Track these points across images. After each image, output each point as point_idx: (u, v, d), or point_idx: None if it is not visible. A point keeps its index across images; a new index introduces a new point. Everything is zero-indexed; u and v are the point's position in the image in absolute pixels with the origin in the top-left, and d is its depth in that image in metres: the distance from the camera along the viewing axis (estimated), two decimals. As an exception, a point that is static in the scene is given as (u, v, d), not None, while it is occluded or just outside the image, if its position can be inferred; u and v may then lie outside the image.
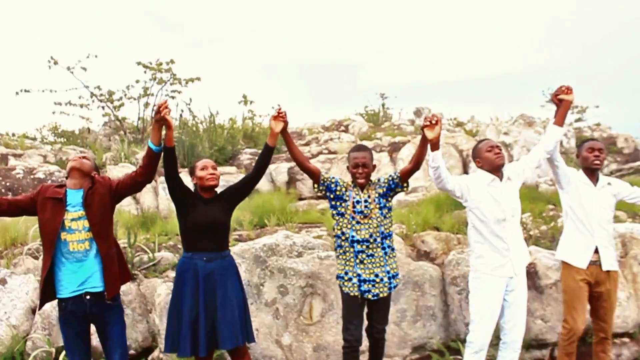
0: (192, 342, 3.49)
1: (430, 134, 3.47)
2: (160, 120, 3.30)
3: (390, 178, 3.79)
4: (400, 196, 7.58)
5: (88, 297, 3.30)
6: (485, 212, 3.72)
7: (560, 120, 3.94)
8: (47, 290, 3.34)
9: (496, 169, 3.81)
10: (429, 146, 3.56)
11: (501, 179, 3.80)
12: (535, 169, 4.01)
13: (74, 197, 3.35)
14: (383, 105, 13.68)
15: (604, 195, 4.00)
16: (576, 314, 3.88)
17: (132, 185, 3.48)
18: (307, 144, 10.43)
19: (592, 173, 4.01)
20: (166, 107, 3.29)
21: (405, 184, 3.78)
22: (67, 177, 3.48)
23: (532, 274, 4.79)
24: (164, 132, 3.38)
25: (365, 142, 10.13)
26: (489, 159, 3.81)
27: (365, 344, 3.83)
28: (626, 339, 4.81)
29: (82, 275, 3.30)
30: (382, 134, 10.75)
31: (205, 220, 3.57)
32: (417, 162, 3.70)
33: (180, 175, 3.68)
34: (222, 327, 3.50)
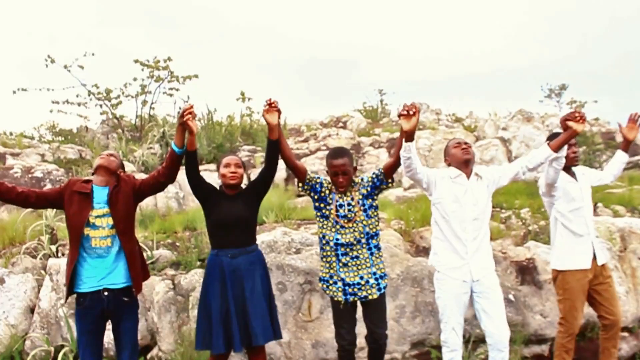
0: (225, 338, 3.49)
1: (406, 125, 3.25)
2: (184, 124, 3.32)
3: (374, 176, 3.67)
4: (398, 192, 7.58)
5: (106, 293, 3.33)
6: (446, 209, 3.61)
7: (555, 145, 3.64)
8: (71, 284, 3.36)
9: (463, 165, 3.69)
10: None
11: (468, 177, 3.69)
12: (512, 180, 3.80)
13: (100, 194, 3.39)
14: (381, 101, 13.66)
15: (586, 187, 3.97)
16: (577, 313, 3.86)
17: (154, 185, 3.52)
18: (305, 141, 10.41)
19: (568, 169, 3.92)
20: (190, 113, 3.31)
21: (390, 180, 3.66)
22: (93, 173, 3.52)
23: (530, 269, 4.79)
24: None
25: (363, 138, 10.13)
26: (455, 155, 3.72)
27: (363, 343, 3.82)
28: (625, 334, 4.81)
29: (102, 271, 3.34)
30: (380, 130, 10.74)
31: (229, 217, 3.58)
32: (399, 156, 3.52)
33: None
34: (254, 322, 3.49)
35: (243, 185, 3.81)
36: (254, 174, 8.26)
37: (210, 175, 7.08)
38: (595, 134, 10.01)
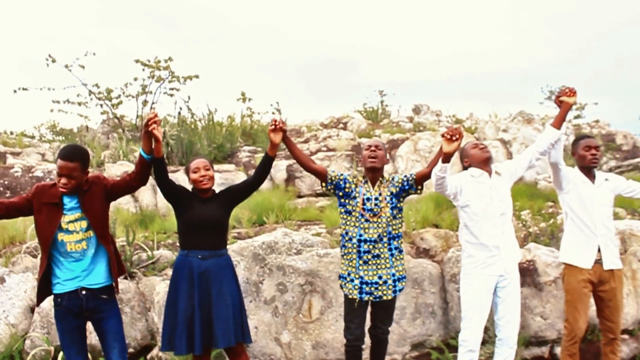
0: (187, 340, 3.50)
1: (447, 147, 3.33)
2: (148, 133, 3.31)
3: (405, 178, 3.73)
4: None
5: (84, 292, 3.33)
6: (475, 210, 3.69)
7: (557, 122, 3.87)
8: (44, 287, 3.37)
9: (484, 164, 3.80)
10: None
11: (490, 175, 3.79)
12: (527, 169, 3.98)
13: (70, 199, 3.36)
14: (382, 102, 13.65)
15: (603, 192, 3.96)
16: (578, 315, 3.85)
17: (126, 188, 3.51)
18: (305, 142, 10.41)
19: (588, 171, 3.98)
20: (155, 122, 3.26)
21: (419, 187, 3.73)
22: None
23: (531, 271, 4.79)
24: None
25: (364, 140, 10.12)
26: (476, 155, 3.84)
27: (367, 342, 3.82)
28: (625, 336, 4.80)
29: (79, 273, 3.33)
30: (380, 131, 10.73)
31: (201, 218, 3.58)
32: (434, 168, 3.61)
33: (178, 173, 3.68)
34: (216, 325, 3.51)
35: (218, 188, 3.81)
36: (255, 174, 8.27)
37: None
38: (596, 136, 10.01)
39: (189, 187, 3.75)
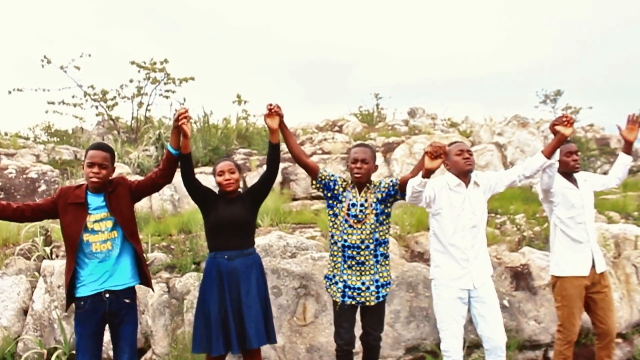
0: (224, 340, 3.51)
1: (430, 164, 3.19)
2: (178, 127, 3.35)
3: (390, 183, 3.66)
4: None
5: (107, 295, 3.33)
6: (445, 219, 3.61)
7: (547, 151, 3.66)
8: (72, 292, 3.36)
9: (463, 174, 3.67)
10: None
11: (467, 185, 3.67)
12: (508, 187, 3.83)
13: (95, 200, 3.37)
14: (377, 105, 13.70)
15: (588, 193, 3.96)
16: (574, 320, 3.85)
17: (152, 187, 3.54)
18: (301, 144, 10.41)
19: (569, 175, 3.94)
20: (185, 117, 3.32)
21: (403, 193, 3.62)
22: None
23: (525, 274, 4.80)
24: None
25: (355, 143, 10.14)
26: (458, 163, 3.67)
27: (359, 345, 3.82)
28: (619, 340, 4.82)
29: (104, 274, 3.34)
30: (376, 134, 10.74)
31: (226, 218, 3.60)
32: (417, 174, 3.49)
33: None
34: (249, 325, 3.52)
35: (242, 189, 3.83)
36: (250, 177, 8.26)
37: (206, 178, 7.07)
38: (590, 140, 10.07)
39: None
